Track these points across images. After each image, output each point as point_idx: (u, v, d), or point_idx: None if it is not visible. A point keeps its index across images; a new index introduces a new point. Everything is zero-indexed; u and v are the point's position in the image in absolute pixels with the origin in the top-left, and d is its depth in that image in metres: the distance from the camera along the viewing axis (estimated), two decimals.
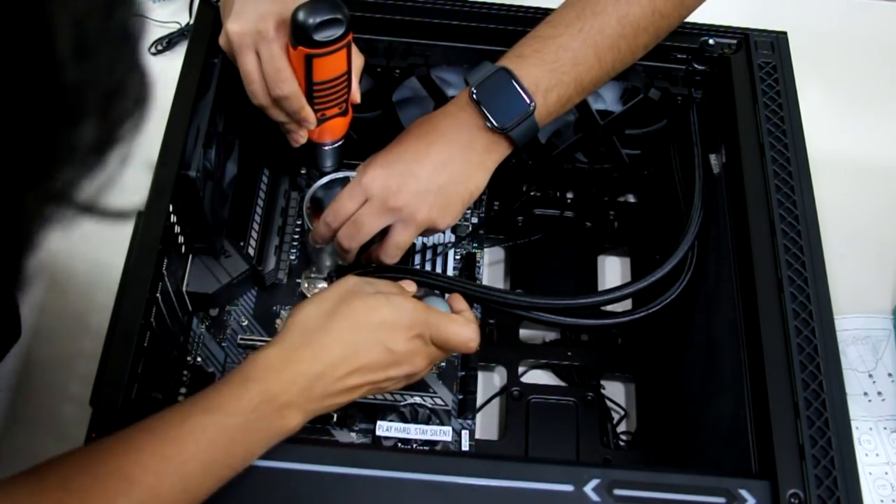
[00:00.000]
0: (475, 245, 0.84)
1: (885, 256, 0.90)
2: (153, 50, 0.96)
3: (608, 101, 0.79)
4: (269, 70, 0.64)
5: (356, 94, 0.69)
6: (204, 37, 0.72)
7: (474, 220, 0.85)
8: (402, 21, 0.75)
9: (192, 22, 0.79)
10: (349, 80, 0.66)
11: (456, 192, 0.66)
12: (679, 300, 0.71)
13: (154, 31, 0.97)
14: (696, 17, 0.77)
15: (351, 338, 0.57)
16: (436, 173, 0.65)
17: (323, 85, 0.64)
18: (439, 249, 0.78)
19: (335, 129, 0.70)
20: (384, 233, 0.68)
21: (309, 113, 0.66)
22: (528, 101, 0.65)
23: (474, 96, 0.66)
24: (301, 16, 0.60)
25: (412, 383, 0.63)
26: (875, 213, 0.92)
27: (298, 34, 0.61)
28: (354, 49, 0.66)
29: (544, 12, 0.76)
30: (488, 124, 0.65)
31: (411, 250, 0.79)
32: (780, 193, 0.66)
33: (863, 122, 0.98)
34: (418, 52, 0.76)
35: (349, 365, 0.56)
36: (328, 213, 0.69)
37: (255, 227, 0.77)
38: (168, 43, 0.97)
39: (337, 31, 0.61)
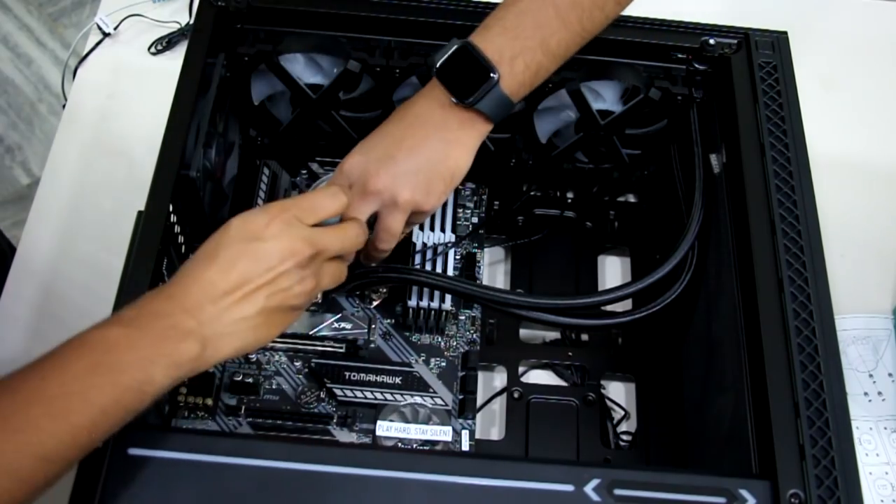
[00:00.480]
0: (475, 245, 0.84)
1: (885, 256, 0.90)
2: (153, 50, 0.96)
3: (608, 100, 0.79)
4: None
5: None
6: (204, 37, 0.72)
7: (474, 219, 0.85)
8: (402, 21, 0.75)
9: (192, 22, 0.79)
10: None
11: (436, 171, 0.66)
12: (679, 300, 0.71)
13: (154, 31, 0.97)
14: (697, 16, 0.77)
15: (215, 251, 0.56)
16: (413, 154, 0.66)
17: None
18: (439, 249, 0.78)
19: None
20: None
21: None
22: (490, 72, 0.64)
23: (435, 74, 0.65)
24: None
25: (331, 285, 0.61)
26: (875, 213, 0.92)
27: None
28: None
29: None
30: (453, 100, 0.65)
31: (412, 250, 0.79)
32: (780, 193, 0.66)
33: (863, 122, 0.98)
34: (418, 51, 0.76)
35: (221, 271, 0.55)
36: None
37: None
38: (168, 43, 0.97)
39: None
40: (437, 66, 0.65)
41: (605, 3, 0.67)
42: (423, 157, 0.66)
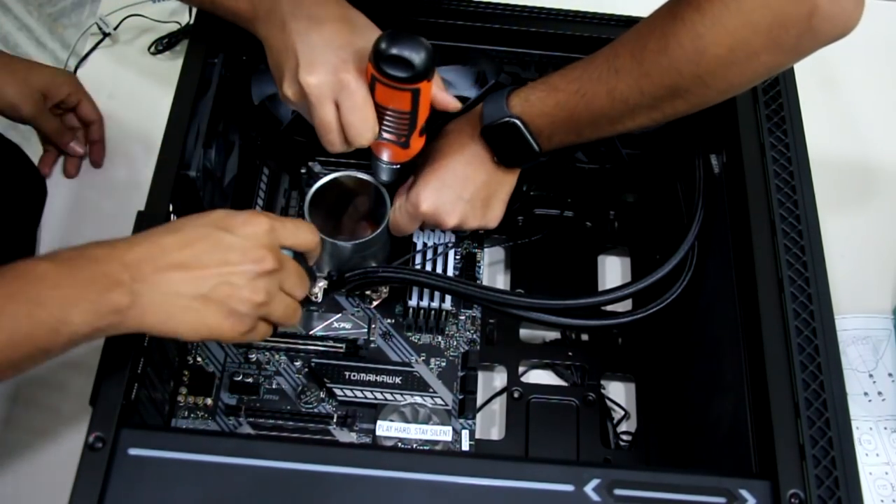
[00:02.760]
0: (475, 245, 0.84)
1: (885, 256, 0.90)
2: (153, 50, 0.96)
3: None
4: (354, 120, 0.63)
5: (452, 104, 0.68)
6: (204, 37, 0.72)
7: None
8: (402, 21, 0.75)
9: (192, 22, 0.79)
10: (412, 120, 0.64)
11: (496, 200, 0.74)
12: (680, 300, 0.71)
13: (154, 31, 0.97)
14: None
15: (183, 226, 0.56)
16: (477, 191, 0.72)
17: (383, 109, 0.64)
18: (440, 249, 0.78)
19: (391, 152, 0.69)
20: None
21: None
22: (535, 147, 0.69)
23: (482, 134, 0.70)
24: (381, 42, 0.59)
25: (285, 288, 0.58)
26: (875, 213, 0.92)
27: (373, 55, 0.60)
28: (437, 95, 0.65)
29: (546, 12, 0.76)
30: (495, 159, 0.71)
31: (412, 250, 0.79)
32: (780, 193, 0.66)
33: (863, 122, 0.98)
34: None
35: (178, 243, 0.54)
36: (392, 227, 0.75)
37: None
38: (168, 43, 0.96)
39: (402, 73, 0.60)
40: (484, 128, 0.69)
41: (635, 119, 0.66)
42: (485, 193, 0.72)
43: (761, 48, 0.58)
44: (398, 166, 0.70)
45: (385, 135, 0.65)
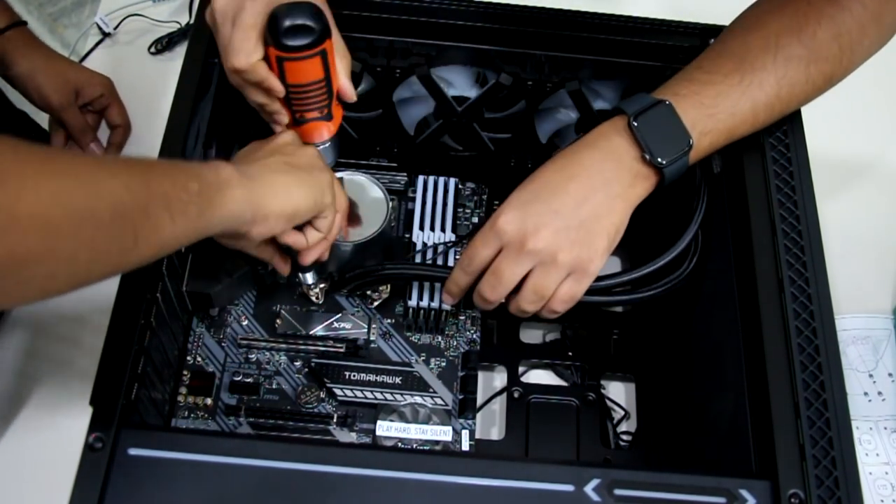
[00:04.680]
0: None
1: (885, 256, 0.90)
2: (153, 50, 0.96)
3: (609, 100, 0.79)
4: (234, 39, 0.60)
5: (350, 93, 0.66)
6: (204, 37, 0.72)
7: (474, 219, 0.85)
8: (402, 21, 0.75)
9: (192, 22, 0.79)
10: (328, 86, 0.64)
11: (600, 227, 0.62)
12: (679, 299, 0.71)
13: (154, 31, 0.97)
14: (699, 17, 0.77)
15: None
16: (577, 208, 0.61)
17: (297, 88, 0.63)
18: (440, 249, 0.78)
19: (317, 132, 0.68)
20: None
21: (268, 84, 0.63)
22: (688, 138, 0.63)
23: (634, 126, 0.62)
24: (274, 18, 0.59)
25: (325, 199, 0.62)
26: (875, 213, 0.92)
27: (269, 36, 0.60)
28: (340, 52, 0.64)
29: (546, 12, 0.76)
30: (646, 156, 0.62)
31: (412, 250, 0.79)
32: (780, 193, 0.66)
33: (863, 122, 0.98)
34: (419, 51, 0.76)
35: (261, 146, 0.62)
36: (463, 259, 0.66)
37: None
38: (168, 43, 0.96)
39: (305, 39, 0.59)
40: (635, 116, 0.62)
41: (784, 113, 0.67)
42: (586, 212, 0.62)
43: None
44: (329, 143, 0.70)
45: (307, 115, 0.65)
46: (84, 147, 0.87)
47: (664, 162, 0.62)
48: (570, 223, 0.61)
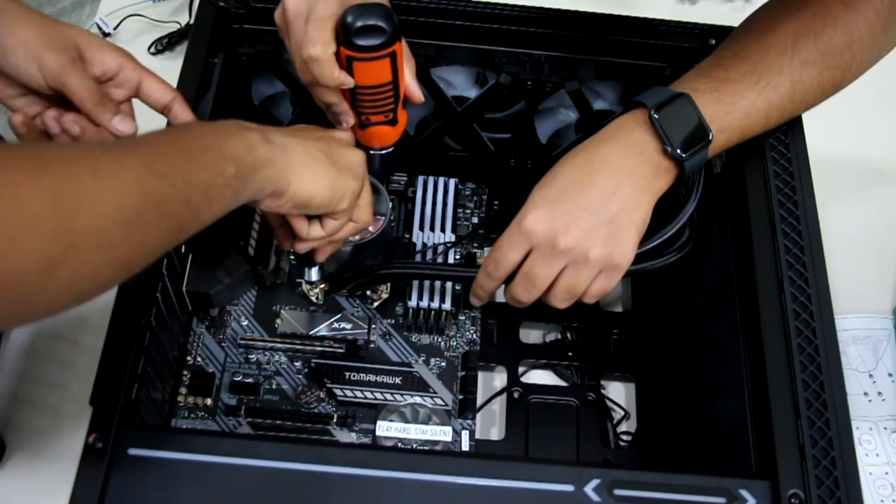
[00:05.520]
0: (475, 245, 0.84)
1: (885, 256, 0.90)
2: (153, 50, 0.96)
3: (609, 100, 0.79)
4: (309, 29, 0.59)
5: (418, 95, 0.64)
6: (204, 37, 0.72)
7: (474, 219, 0.85)
8: (402, 21, 0.75)
9: (192, 22, 0.79)
10: (395, 89, 0.63)
11: (629, 221, 0.62)
12: (680, 297, 0.71)
13: (154, 31, 0.97)
14: (699, 18, 0.77)
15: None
16: (605, 203, 0.61)
17: (365, 90, 0.63)
18: (440, 249, 0.78)
19: (381, 136, 0.68)
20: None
21: (341, 78, 0.61)
22: (709, 132, 0.63)
23: (655, 118, 0.62)
24: (347, 17, 0.59)
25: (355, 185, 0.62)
26: (875, 214, 0.92)
27: (341, 35, 0.60)
28: (406, 55, 0.63)
29: (546, 12, 0.76)
30: (667, 149, 0.62)
31: (412, 250, 0.79)
32: (780, 194, 0.66)
33: (863, 122, 0.98)
34: (418, 51, 0.76)
35: (315, 130, 0.62)
36: (488, 263, 0.65)
37: (255, 226, 0.77)
38: (168, 43, 0.96)
39: (377, 40, 0.59)
40: (655, 109, 0.62)
41: (793, 116, 0.68)
42: (615, 207, 0.61)
43: None
44: (392, 149, 0.69)
45: (373, 118, 0.65)
46: (107, 124, 0.61)
47: (685, 155, 0.62)
48: (599, 219, 0.61)
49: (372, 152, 0.69)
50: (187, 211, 0.48)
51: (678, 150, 0.62)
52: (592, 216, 0.61)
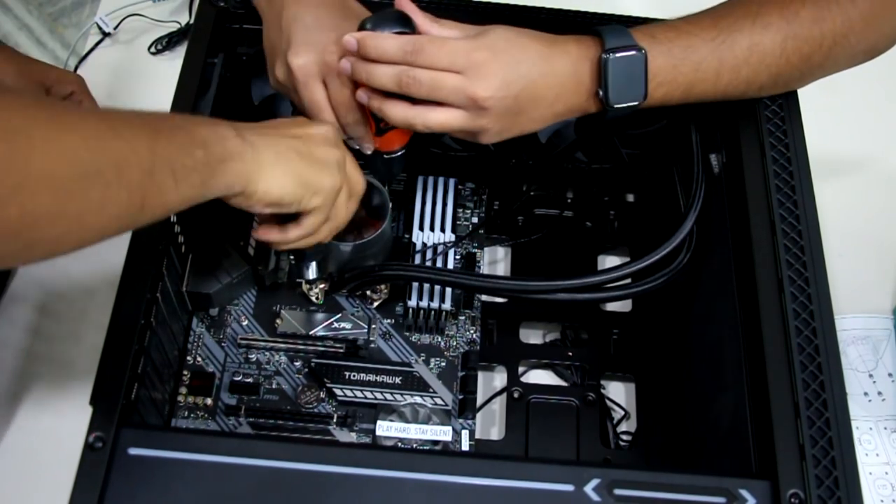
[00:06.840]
0: (475, 245, 0.84)
1: (885, 256, 0.90)
2: (153, 49, 0.96)
3: None
4: (340, 99, 0.63)
5: None
6: (204, 37, 0.72)
7: (474, 219, 0.85)
8: None
9: (192, 22, 0.79)
10: None
11: (529, 120, 0.65)
12: (679, 299, 0.71)
13: (154, 31, 0.97)
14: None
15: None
16: (525, 91, 0.63)
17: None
18: (439, 249, 0.78)
19: (396, 139, 0.68)
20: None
21: (368, 135, 0.66)
22: (644, 91, 0.65)
23: (605, 62, 0.63)
24: (366, 26, 0.60)
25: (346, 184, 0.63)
26: (875, 213, 0.92)
27: None
28: None
29: (546, 13, 0.76)
30: (599, 92, 0.64)
31: (412, 250, 0.79)
32: (780, 193, 0.66)
33: (863, 123, 0.98)
34: None
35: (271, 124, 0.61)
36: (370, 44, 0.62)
37: (255, 226, 0.77)
38: (168, 43, 0.96)
39: None
40: (609, 52, 0.63)
41: (751, 83, 0.67)
42: (531, 106, 0.64)
43: None
44: (405, 150, 0.70)
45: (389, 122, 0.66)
46: None
47: (615, 106, 0.64)
48: (519, 96, 0.63)
49: (386, 156, 0.69)
50: (151, 183, 0.47)
51: (611, 102, 0.64)
52: (511, 89, 0.62)
